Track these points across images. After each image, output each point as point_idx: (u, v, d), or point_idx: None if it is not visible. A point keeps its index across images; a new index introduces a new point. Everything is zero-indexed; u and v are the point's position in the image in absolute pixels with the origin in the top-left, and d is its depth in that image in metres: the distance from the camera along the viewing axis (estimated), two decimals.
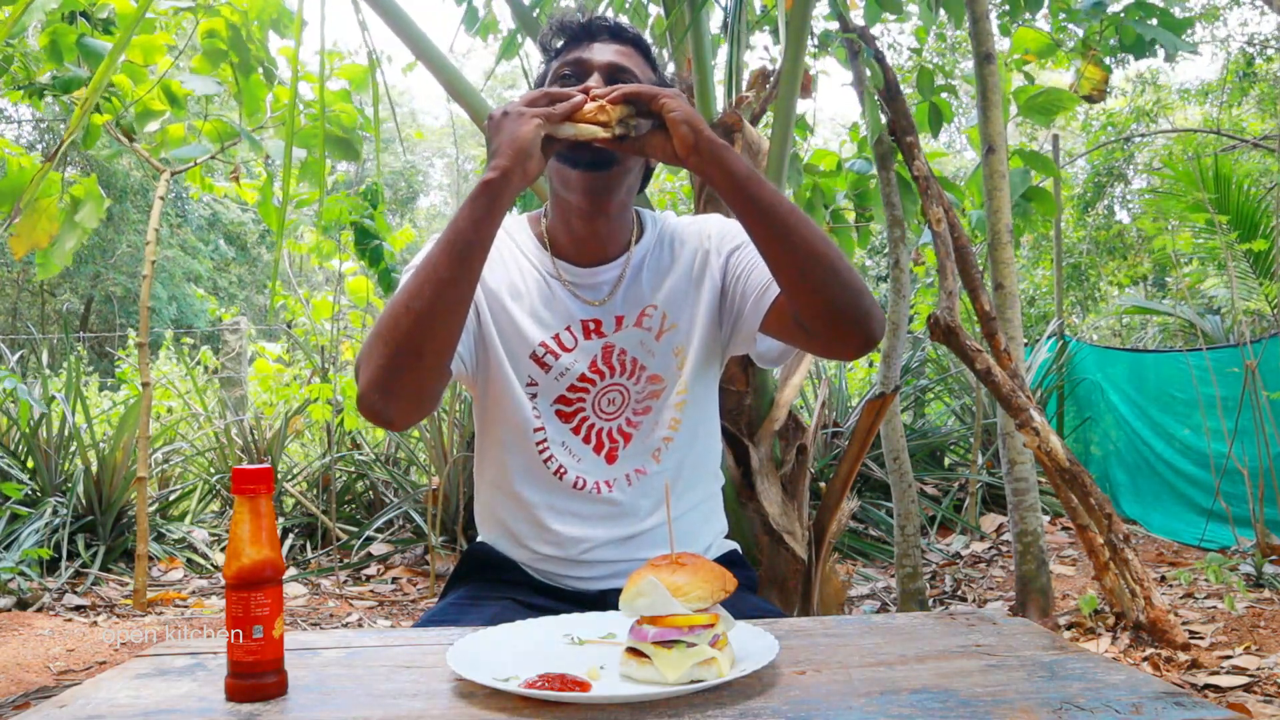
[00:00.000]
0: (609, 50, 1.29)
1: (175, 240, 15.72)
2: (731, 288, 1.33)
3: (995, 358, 2.65)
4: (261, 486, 0.88)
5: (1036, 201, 3.27)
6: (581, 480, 1.30)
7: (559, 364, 1.30)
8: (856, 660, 0.92)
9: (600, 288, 1.32)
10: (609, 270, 1.33)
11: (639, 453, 1.32)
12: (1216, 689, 2.27)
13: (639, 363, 1.32)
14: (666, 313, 1.33)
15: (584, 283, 1.32)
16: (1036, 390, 5.45)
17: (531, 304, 1.31)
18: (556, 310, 1.31)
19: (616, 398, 1.31)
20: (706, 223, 1.41)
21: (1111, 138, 9.13)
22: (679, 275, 1.35)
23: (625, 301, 1.32)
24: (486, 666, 0.89)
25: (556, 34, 1.33)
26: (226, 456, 5.04)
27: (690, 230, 1.40)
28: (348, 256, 4.35)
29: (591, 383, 1.30)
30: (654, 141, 1.14)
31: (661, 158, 1.16)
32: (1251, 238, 4.61)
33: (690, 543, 1.34)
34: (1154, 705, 0.77)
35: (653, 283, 1.34)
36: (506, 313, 1.30)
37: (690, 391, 1.33)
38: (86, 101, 1.56)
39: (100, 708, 0.84)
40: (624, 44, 1.31)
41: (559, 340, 1.30)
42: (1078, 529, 2.70)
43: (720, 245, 1.36)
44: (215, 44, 3.07)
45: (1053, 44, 3.24)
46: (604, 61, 1.27)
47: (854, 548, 4.39)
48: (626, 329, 1.32)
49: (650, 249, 1.37)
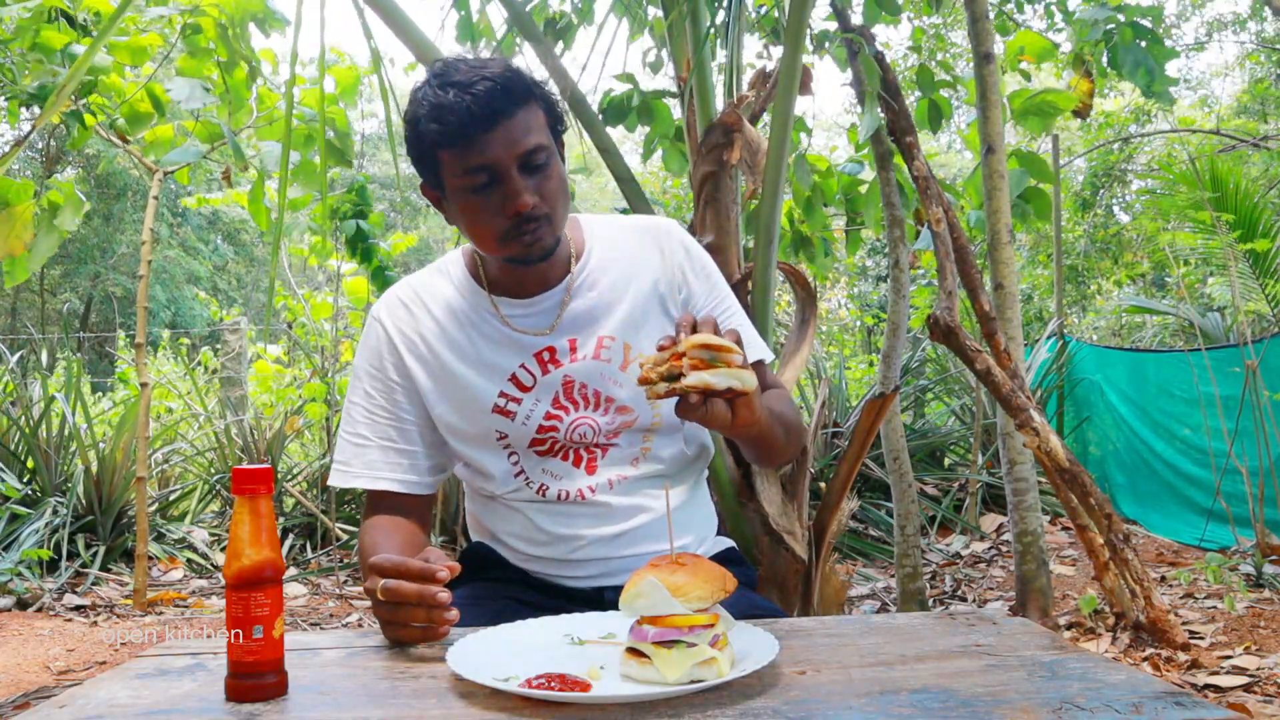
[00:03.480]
0: (509, 134, 1.15)
1: (175, 240, 15.72)
2: None
3: (995, 358, 2.65)
4: (261, 486, 0.88)
5: (1034, 202, 3.26)
6: (564, 493, 1.29)
7: (522, 409, 1.27)
8: (856, 660, 0.92)
9: (547, 314, 1.29)
10: (552, 296, 1.29)
11: (618, 461, 1.30)
12: (1216, 689, 2.27)
13: (603, 394, 1.28)
14: (629, 342, 1.29)
15: (528, 313, 1.29)
16: (1036, 390, 5.45)
17: (478, 354, 1.28)
18: (506, 350, 1.28)
19: (587, 431, 1.28)
20: (668, 237, 1.36)
21: (1111, 138, 9.14)
22: (638, 298, 1.31)
23: (575, 324, 1.29)
24: (486, 666, 0.89)
25: (441, 136, 1.15)
26: (226, 456, 5.04)
27: (646, 240, 1.35)
28: (345, 257, 4.35)
29: (558, 418, 1.27)
30: (716, 414, 1.03)
31: (714, 425, 1.06)
32: (1251, 238, 4.61)
33: (683, 531, 1.33)
34: (1154, 705, 0.77)
35: (604, 307, 1.30)
36: (455, 378, 1.28)
37: (664, 412, 1.30)
38: (61, 90, 1.56)
39: (100, 708, 0.84)
40: (514, 116, 1.15)
41: (516, 381, 1.27)
42: (1078, 529, 2.70)
43: (688, 277, 1.34)
44: (199, 41, 3.05)
45: (1051, 47, 3.24)
46: (514, 155, 1.15)
47: (854, 548, 4.39)
48: (584, 360, 1.28)
49: (595, 267, 1.31)
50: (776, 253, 2.20)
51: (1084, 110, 3.24)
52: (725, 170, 2.20)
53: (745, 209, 2.32)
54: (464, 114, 1.13)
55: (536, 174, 1.18)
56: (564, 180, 1.23)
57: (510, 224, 1.18)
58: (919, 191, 2.77)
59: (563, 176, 1.23)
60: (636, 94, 2.86)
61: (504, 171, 1.16)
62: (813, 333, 2.26)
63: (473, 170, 1.16)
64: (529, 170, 1.17)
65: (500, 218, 1.18)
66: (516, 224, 1.18)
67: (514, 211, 1.16)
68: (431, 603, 0.98)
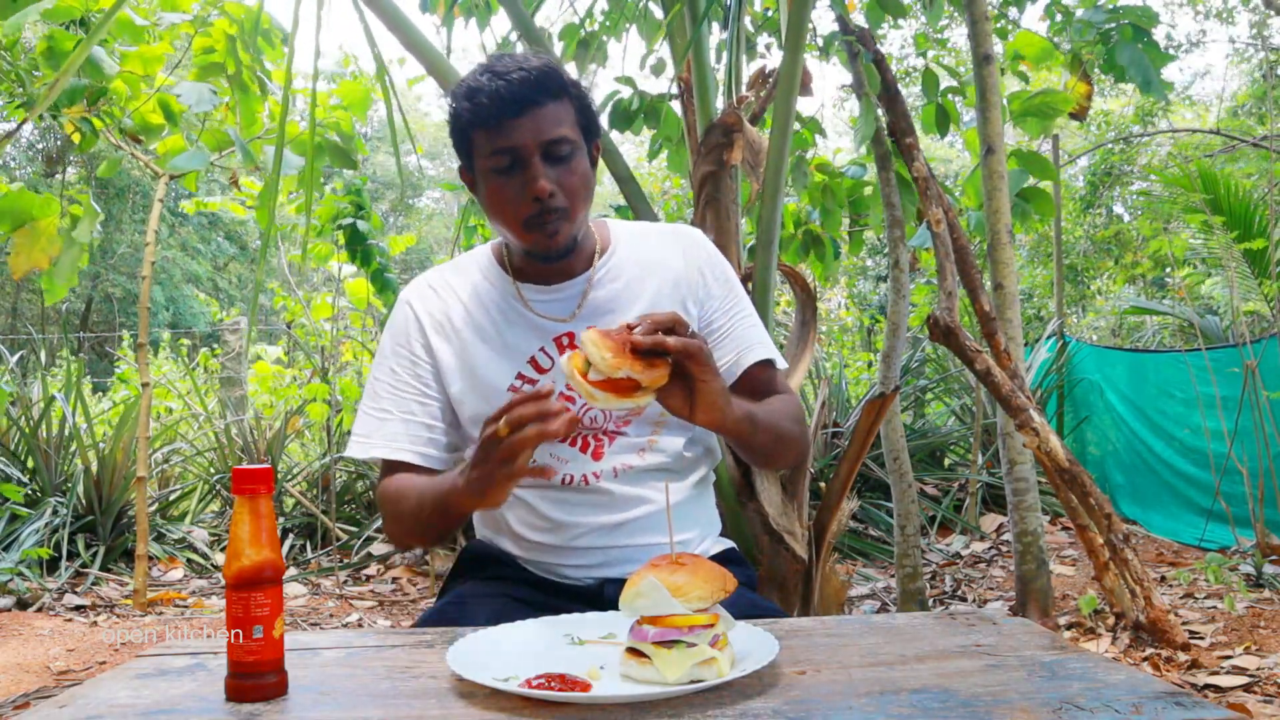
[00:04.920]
0: (536, 123, 1.21)
1: (175, 240, 15.72)
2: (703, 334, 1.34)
3: (995, 358, 2.65)
4: (261, 486, 0.88)
5: (1034, 202, 3.26)
6: (569, 476, 1.31)
7: (537, 388, 1.30)
8: (856, 660, 0.92)
9: (569, 301, 1.33)
10: (575, 285, 1.34)
11: (625, 449, 1.32)
12: (1216, 689, 2.27)
13: None
14: None
15: (551, 299, 1.33)
16: (1036, 390, 5.45)
17: (499, 336, 1.32)
18: (527, 334, 1.32)
19: (598, 416, 1.32)
20: (692, 242, 1.40)
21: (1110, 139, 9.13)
22: (659, 293, 1.35)
23: (595, 312, 1.33)
24: (486, 666, 0.89)
25: (473, 118, 1.23)
26: (226, 456, 5.04)
27: (670, 242, 1.40)
28: (345, 258, 4.35)
29: (571, 401, 1.30)
30: (673, 401, 1.10)
31: (674, 412, 1.13)
32: (1248, 238, 4.60)
33: (687, 527, 1.35)
34: (1154, 705, 0.77)
35: (627, 299, 1.34)
36: (475, 358, 1.32)
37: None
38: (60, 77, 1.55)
39: (100, 708, 0.84)
40: (543, 105, 1.22)
41: (534, 364, 1.32)
42: (1078, 529, 2.70)
43: (708, 279, 1.37)
44: (211, 59, 3.07)
45: (1050, 47, 3.24)
46: (538, 142, 1.21)
47: (854, 548, 4.39)
48: None
49: (618, 263, 1.36)
50: (777, 253, 2.20)
51: (1081, 113, 3.25)
52: (725, 170, 2.20)
53: (753, 211, 2.32)
54: (496, 98, 1.20)
55: (559, 165, 1.23)
56: (587, 179, 1.28)
57: (531, 211, 1.23)
58: (919, 192, 2.77)
59: (586, 175, 1.27)
60: (637, 97, 2.87)
61: (526, 156, 1.21)
62: (814, 335, 2.26)
63: (498, 152, 1.22)
64: (552, 160, 1.23)
65: (521, 202, 1.23)
66: (538, 212, 1.22)
67: (533, 195, 1.21)
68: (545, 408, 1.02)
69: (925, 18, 3.13)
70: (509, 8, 2.31)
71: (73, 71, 1.64)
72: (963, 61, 8.99)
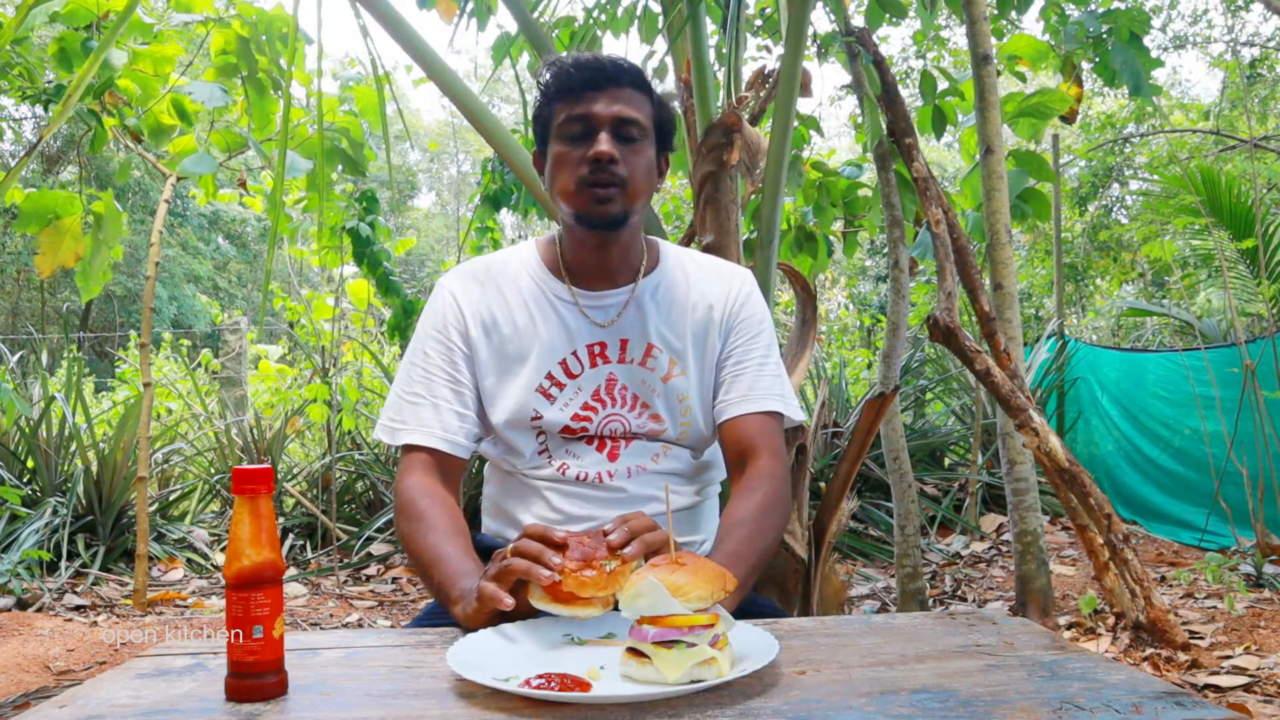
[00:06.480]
0: (613, 100, 1.28)
1: (175, 239, 15.71)
2: (717, 368, 1.37)
3: (995, 358, 2.65)
4: (261, 486, 0.88)
5: (1033, 202, 3.27)
6: (584, 474, 1.33)
7: (563, 395, 1.32)
8: (856, 660, 0.92)
9: (608, 309, 1.35)
10: (617, 294, 1.35)
11: (640, 454, 1.35)
12: (1216, 689, 2.27)
13: (640, 400, 1.35)
14: (675, 359, 1.35)
15: (593, 304, 1.35)
16: (1036, 390, 5.44)
17: (536, 333, 1.33)
18: (564, 334, 1.33)
19: (617, 427, 1.34)
20: (737, 280, 1.41)
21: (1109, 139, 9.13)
22: (695, 320, 1.37)
23: (631, 327, 1.34)
24: (486, 666, 0.89)
25: (557, 85, 1.30)
26: (226, 456, 5.04)
27: (714, 275, 1.41)
28: (348, 258, 4.35)
29: (594, 410, 1.33)
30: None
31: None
32: (1245, 237, 4.60)
33: (696, 530, 1.38)
34: (1154, 705, 0.77)
35: (662, 319, 1.36)
36: (509, 352, 1.33)
37: (691, 426, 1.37)
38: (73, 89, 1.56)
39: (100, 708, 0.84)
40: (624, 87, 1.29)
41: (565, 367, 1.33)
42: (1078, 529, 2.70)
43: (738, 320, 1.38)
44: (227, 60, 3.07)
45: (1046, 47, 3.24)
46: (610, 114, 1.27)
47: (854, 548, 4.39)
48: (630, 364, 1.34)
49: (662, 283, 1.38)
50: (777, 253, 2.20)
51: (1071, 115, 3.26)
52: (725, 170, 2.20)
53: (748, 209, 2.32)
54: (583, 68, 1.28)
55: (626, 144, 1.27)
56: (650, 169, 1.31)
57: (587, 171, 1.25)
58: (919, 193, 2.77)
59: (650, 165, 1.31)
60: None
61: (597, 126, 1.26)
62: (814, 336, 2.26)
63: (571, 119, 1.27)
64: (621, 139, 1.26)
65: (582, 165, 1.25)
66: (593, 173, 1.24)
67: (593, 156, 1.24)
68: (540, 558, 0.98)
69: (921, 21, 3.13)
70: (511, 7, 2.31)
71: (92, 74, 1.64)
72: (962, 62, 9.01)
